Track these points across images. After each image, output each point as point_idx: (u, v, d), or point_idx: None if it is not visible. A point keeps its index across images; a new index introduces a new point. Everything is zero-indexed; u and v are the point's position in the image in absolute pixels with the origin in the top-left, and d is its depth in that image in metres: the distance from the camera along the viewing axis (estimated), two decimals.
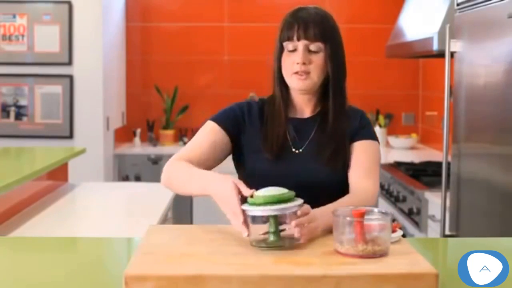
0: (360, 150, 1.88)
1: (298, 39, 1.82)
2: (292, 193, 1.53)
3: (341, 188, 1.82)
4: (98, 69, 4.77)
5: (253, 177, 1.81)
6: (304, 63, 1.82)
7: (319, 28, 1.83)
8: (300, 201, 1.53)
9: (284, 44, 1.85)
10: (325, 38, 1.83)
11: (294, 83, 1.85)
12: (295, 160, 1.85)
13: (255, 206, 1.47)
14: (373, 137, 1.94)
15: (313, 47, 1.82)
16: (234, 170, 1.94)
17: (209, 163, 1.86)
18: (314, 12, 1.88)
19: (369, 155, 1.88)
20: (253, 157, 1.87)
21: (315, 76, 1.84)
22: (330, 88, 1.87)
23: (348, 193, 1.80)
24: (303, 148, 1.87)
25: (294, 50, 1.83)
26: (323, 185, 1.81)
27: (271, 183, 1.61)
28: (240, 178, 1.88)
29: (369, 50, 5.45)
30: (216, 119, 1.90)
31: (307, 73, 1.83)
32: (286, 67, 1.86)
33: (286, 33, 1.84)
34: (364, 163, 1.86)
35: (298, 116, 1.92)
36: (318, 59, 1.83)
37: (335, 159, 1.84)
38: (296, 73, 1.83)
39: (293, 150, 1.87)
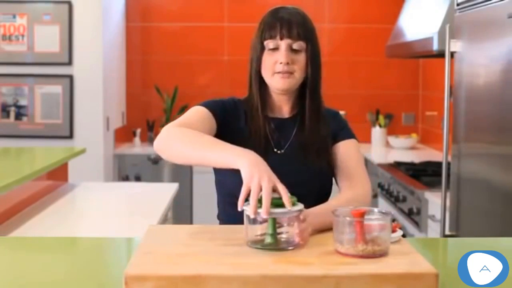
0: (344, 151, 1.89)
1: (281, 38, 1.81)
2: (294, 198, 1.53)
3: (324, 189, 1.84)
4: (98, 69, 4.77)
5: (234, 176, 1.67)
6: (287, 63, 1.81)
7: (302, 28, 1.82)
8: (301, 206, 1.52)
9: (265, 43, 1.83)
10: (307, 38, 1.83)
11: (277, 83, 1.83)
12: (277, 160, 1.81)
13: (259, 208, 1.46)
14: (353, 135, 1.95)
15: (296, 45, 1.81)
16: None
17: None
18: (295, 11, 1.86)
19: (354, 154, 1.90)
20: None
21: (298, 75, 1.83)
22: (308, 88, 1.86)
23: (330, 194, 1.83)
24: (285, 148, 1.86)
25: (276, 49, 1.82)
26: (307, 185, 1.79)
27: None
28: (219, 176, 1.87)
29: (369, 50, 5.46)
30: (205, 104, 1.86)
31: (291, 73, 1.82)
32: (266, 66, 1.84)
33: (268, 32, 1.82)
34: (352, 161, 1.87)
35: (277, 116, 1.91)
36: (300, 58, 1.82)
37: (319, 159, 1.84)
38: (279, 73, 1.82)
39: (275, 150, 1.86)
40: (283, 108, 1.91)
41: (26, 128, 4.83)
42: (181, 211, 4.81)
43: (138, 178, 5.09)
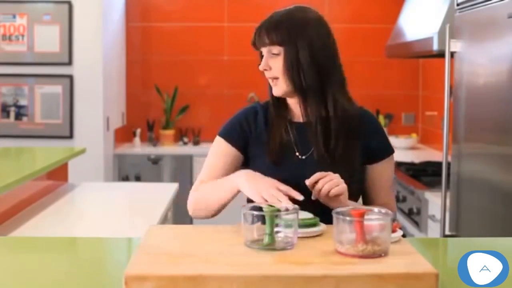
0: (382, 172, 1.89)
1: (259, 46, 1.84)
2: (317, 218, 1.58)
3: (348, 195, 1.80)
4: (98, 69, 4.77)
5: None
6: (265, 69, 1.82)
7: (274, 32, 1.80)
8: (323, 226, 1.57)
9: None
10: (280, 41, 1.79)
11: (272, 89, 1.86)
12: (299, 165, 1.82)
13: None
14: (391, 149, 1.92)
15: (275, 50, 1.81)
16: None
17: None
18: (276, 15, 1.85)
19: (391, 174, 1.92)
20: (258, 163, 1.85)
21: (282, 80, 1.81)
22: (306, 92, 1.82)
23: (352, 199, 1.81)
24: (308, 154, 1.84)
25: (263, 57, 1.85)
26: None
27: None
28: None
29: (369, 50, 5.46)
30: (225, 135, 1.90)
31: (275, 78, 1.82)
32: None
33: (252, 41, 1.86)
34: (387, 183, 1.91)
35: (297, 120, 1.89)
36: (276, 63, 1.81)
37: (343, 166, 1.80)
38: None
39: (297, 155, 1.85)
40: (299, 112, 1.87)
41: (26, 128, 4.83)
42: (181, 211, 4.80)
43: (138, 178, 5.09)
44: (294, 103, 1.88)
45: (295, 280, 1.27)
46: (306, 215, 1.59)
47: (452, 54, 2.85)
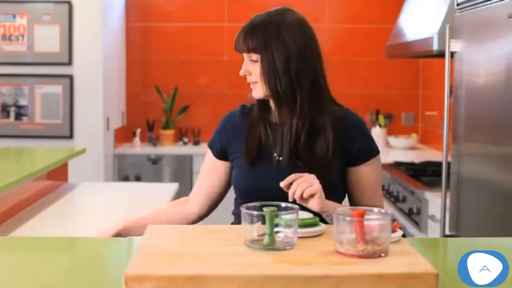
0: (366, 175, 1.88)
1: (239, 52, 1.88)
2: (317, 218, 1.58)
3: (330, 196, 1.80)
4: (98, 69, 4.77)
5: (234, 183, 1.92)
6: (245, 75, 1.86)
7: (250, 39, 1.83)
8: (323, 226, 1.57)
9: None
10: (257, 49, 1.82)
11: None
12: (277, 166, 1.85)
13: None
14: (375, 151, 1.91)
15: (254, 57, 1.84)
16: None
17: (222, 191, 2.00)
18: (255, 20, 1.87)
19: (376, 175, 1.91)
20: (237, 163, 1.92)
21: (260, 85, 1.84)
22: (280, 98, 1.84)
23: (336, 200, 1.82)
24: (285, 154, 1.85)
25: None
26: None
27: (248, 188, 1.80)
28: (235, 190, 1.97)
29: (369, 50, 5.45)
30: (209, 146, 2.00)
31: (255, 82, 1.86)
32: None
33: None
34: (373, 185, 1.90)
35: (277, 121, 1.90)
36: (255, 69, 1.84)
37: (322, 167, 1.81)
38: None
39: (275, 156, 1.87)
40: (279, 114, 1.89)
41: (26, 128, 4.83)
42: None
43: (138, 178, 5.09)
44: (273, 105, 1.91)
45: (295, 280, 1.27)
46: (306, 215, 1.59)
47: (452, 54, 2.85)
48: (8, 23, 4.78)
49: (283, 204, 1.54)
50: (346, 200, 1.95)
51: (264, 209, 1.47)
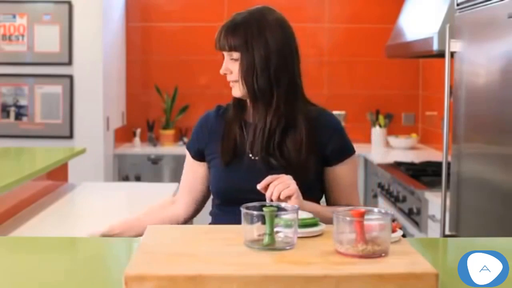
0: (343, 174, 1.90)
1: (220, 50, 1.87)
2: (317, 218, 1.59)
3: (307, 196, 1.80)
4: (98, 69, 4.77)
5: (212, 183, 1.93)
6: (225, 73, 1.86)
7: (231, 38, 1.83)
8: (323, 226, 1.57)
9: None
10: (237, 47, 1.83)
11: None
12: (252, 166, 1.86)
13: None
14: (353, 149, 1.93)
15: (234, 55, 1.84)
16: None
17: (204, 191, 2.01)
18: (235, 18, 1.88)
19: (352, 174, 1.93)
20: (214, 163, 1.93)
21: (240, 84, 1.84)
22: (257, 96, 1.84)
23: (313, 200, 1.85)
24: (260, 154, 1.85)
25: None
26: None
27: (226, 188, 1.82)
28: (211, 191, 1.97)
29: (369, 50, 5.45)
30: (189, 148, 2.02)
31: (235, 81, 1.86)
32: None
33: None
34: (350, 185, 1.92)
35: (252, 121, 1.90)
36: (235, 68, 1.84)
37: (296, 166, 1.82)
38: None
39: (250, 155, 1.87)
40: (256, 114, 1.89)
41: (26, 128, 4.83)
42: None
43: (138, 178, 5.08)
44: (251, 105, 1.91)
45: (295, 280, 1.27)
46: (306, 215, 1.59)
47: (452, 54, 2.85)
48: (8, 23, 4.78)
49: (283, 204, 1.54)
50: (323, 200, 1.96)
51: (264, 209, 1.47)
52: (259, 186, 1.69)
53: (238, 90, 1.87)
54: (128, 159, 5.14)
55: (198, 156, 1.98)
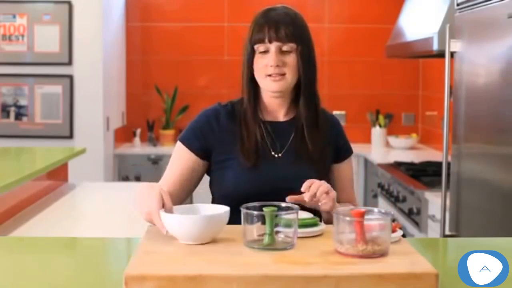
0: (346, 171, 1.96)
1: (270, 41, 1.80)
2: (317, 218, 1.60)
3: None
4: (98, 69, 4.77)
5: (229, 185, 1.82)
6: (277, 66, 1.80)
7: (290, 28, 1.81)
8: (323, 226, 1.58)
9: (256, 46, 1.82)
10: (296, 39, 1.81)
11: (268, 85, 1.83)
12: (275, 164, 1.83)
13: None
14: (351, 150, 1.99)
15: (285, 47, 1.81)
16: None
17: (186, 189, 1.89)
18: (284, 12, 1.85)
19: (352, 173, 2.00)
20: (231, 165, 1.84)
21: (290, 77, 1.82)
22: (303, 89, 1.85)
23: None
24: (282, 152, 1.85)
25: (266, 52, 1.81)
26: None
27: (250, 189, 1.74)
28: (217, 194, 1.88)
29: (369, 50, 5.45)
30: (184, 140, 1.89)
31: (282, 74, 1.81)
32: (258, 70, 1.83)
33: (256, 36, 1.82)
34: (351, 181, 1.98)
35: (272, 119, 1.89)
36: (291, 60, 1.81)
37: (317, 165, 1.84)
38: (270, 75, 1.81)
39: (273, 153, 1.85)
40: (278, 111, 1.89)
41: (26, 128, 4.83)
42: None
43: (138, 178, 5.08)
44: (278, 102, 1.88)
45: (295, 280, 1.27)
46: (306, 215, 1.60)
47: (452, 54, 2.85)
48: (8, 23, 4.78)
49: (283, 204, 1.54)
50: None
51: (264, 209, 1.47)
52: (303, 188, 1.67)
53: (284, 84, 1.82)
54: (128, 159, 5.14)
55: (202, 153, 1.86)
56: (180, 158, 1.89)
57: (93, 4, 4.75)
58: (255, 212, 1.47)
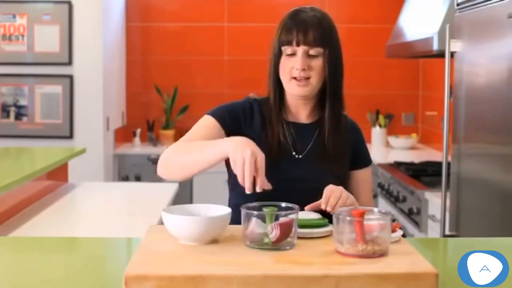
0: (365, 179, 1.94)
1: (298, 44, 1.80)
2: (326, 220, 1.59)
3: None
4: (98, 69, 4.77)
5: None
6: (303, 69, 1.79)
7: (318, 33, 1.80)
8: (330, 227, 1.57)
9: (283, 48, 1.82)
10: (324, 43, 1.80)
11: (293, 88, 1.82)
12: (295, 165, 1.84)
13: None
14: (369, 160, 1.98)
15: (312, 51, 1.80)
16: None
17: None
18: (312, 14, 1.84)
19: (370, 182, 1.98)
20: None
21: (315, 81, 1.81)
22: (328, 93, 1.84)
23: None
24: (303, 153, 1.86)
25: (293, 55, 1.80)
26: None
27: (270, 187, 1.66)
28: (233, 181, 1.83)
29: (369, 50, 5.45)
30: (213, 113, 1.87)
31: (307, 78, 1.80)
32: (284, 71, 1.82)
33: (285, 38, 1.81)
34: (368, 191, 1.95)
35: (295, 120, 1.90)
36: (317, 64, 1.80)
37: (337, 167, 1.85)
38: (295, 78, 1.80)
39: (294, 154, 1.85)
40: (301, 113, 1.89)
41: (26, 128, 4.82)
42: None
43: (138, 178, 5.08)
44: (301, 104, 1.88)
45: (295, 280, 1.27)
46: (315, 215, 1.60)
47: (452, 54, 2.85)
48: (8, 23, 4.78)
49: (283, 204, 1.54)
50: None
51: (264, 209, 1.47)
52: (323, 200, 1.65)
53: (310, 88, 1.81)
54: (128, 159, 5.14)
55: (229, 127, 1.82)
56: (207, 127, 1.84)
57: (93, 4, 4.75)
58: (255, 212, 1.47)
